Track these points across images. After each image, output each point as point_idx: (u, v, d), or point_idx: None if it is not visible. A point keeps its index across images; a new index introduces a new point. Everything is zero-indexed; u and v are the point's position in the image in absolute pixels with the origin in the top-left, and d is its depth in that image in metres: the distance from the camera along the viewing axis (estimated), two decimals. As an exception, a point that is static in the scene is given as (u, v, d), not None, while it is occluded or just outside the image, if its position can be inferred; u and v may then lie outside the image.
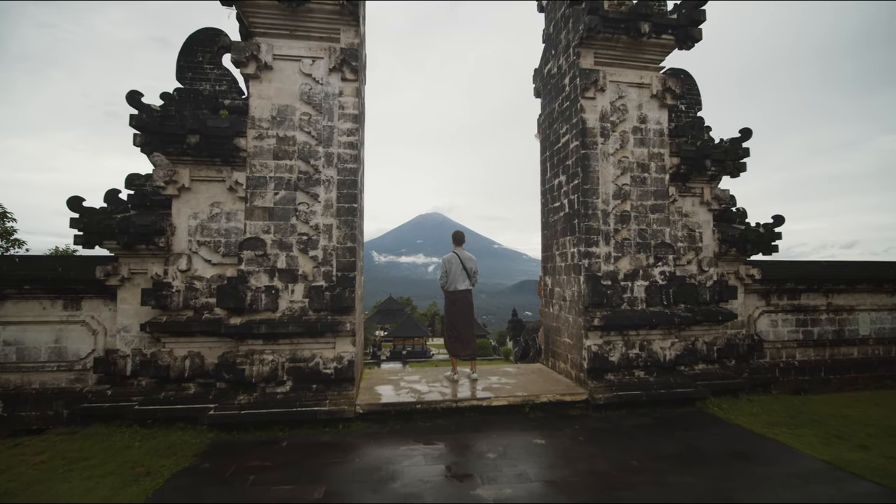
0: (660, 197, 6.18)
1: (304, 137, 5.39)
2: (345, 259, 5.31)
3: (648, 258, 6.07)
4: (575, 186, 6.12)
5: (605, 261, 5.94)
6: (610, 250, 5.96)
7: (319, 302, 5.22)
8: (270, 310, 5.16)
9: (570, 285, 6.24)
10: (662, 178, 6.20)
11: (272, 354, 5.09)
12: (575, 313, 6.07)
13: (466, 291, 6.32)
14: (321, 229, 5.32)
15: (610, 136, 6.06)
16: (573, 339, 6.14)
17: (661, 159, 6.21)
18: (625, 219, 6.02)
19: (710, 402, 5.98)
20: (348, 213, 5.36)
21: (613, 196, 6.02)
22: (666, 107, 6.28)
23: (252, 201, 5.24)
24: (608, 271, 5.92)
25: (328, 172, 5.38)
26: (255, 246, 5.18)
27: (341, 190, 5.37)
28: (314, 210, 5.33)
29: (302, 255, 5.28)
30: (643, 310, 5.96)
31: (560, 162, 6.66)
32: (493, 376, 6.49)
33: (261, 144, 5.32)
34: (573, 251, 6.17)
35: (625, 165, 6.07)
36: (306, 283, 5.25)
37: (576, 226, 6.08)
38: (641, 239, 6.07)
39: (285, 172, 5.33)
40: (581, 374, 5.89)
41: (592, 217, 5.92)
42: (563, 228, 6.52)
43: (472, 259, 6.44)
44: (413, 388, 5.78)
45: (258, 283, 5.17)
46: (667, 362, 5.92)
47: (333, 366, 5.12)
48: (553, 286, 6.94)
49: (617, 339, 5.88)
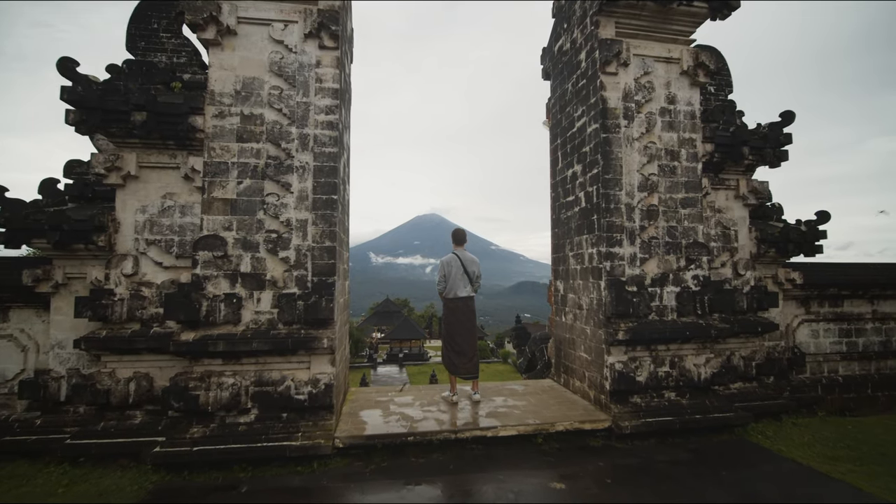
0: (691, 189, 5.33)
1: (273, 116, 4.51)
2: (322, 261, 4.43)
3: (679, 260, 5.22)
4: (594, 177, 5.27)
5: (630, 263, 5.08)
6: (635, 251, 5.10)
7: (291, 313, 4.33)
8: (231, 322, 4.28)
9: (588, 291, 5.38)
10: (694, 168, 5.35)
11: (233, 377, 4.20)
12: (594, 324, 5.21)
13: (468, 299, 5.44)
14: (294, 225, 4.44)
15: (634, 117, 5.21)
16: (591, 353, 5.28)
17: (692, 145, 5.36)
18: (652, 214, 5.17)
19: (751, 427, 5.14)
20: (327, 205, 4.48)
21: (639, 188, 5.16)
22: (697, 85, 5.43)
23: (210, 191, 4.36)
24: (633, 275, 5.07)
25: (303, 157, 4.50)
26: (214, 245, 4.30)
27: (318, 178, 4.50)
28: (286, 202, 4.45)
29: (270, 256, 4.40)
30: (674, 320, 5.11)
31: (575, 149, 5.81)
32: (497, 396, 5.62)
33: (221, 124, 4.44)
34: (591, 252, 5.31)
35: (651, 152, 5.21)
36: (275, 291, 4.37)
37: (594, 222, 5.22)
38: (671, 238, 5.22)
39: (251, 157, 4.45)
40: (602, 397, 5.02)
41: (615, 212, 5.06)
42: (579, 226, 5.66)
43: (474, 261, 5.56)
44: (404, 414, 4.90)
45: (216, 291, 4.28)
46: (701, 382, 5.06)
47: (307, 390, 4.24)
48: (566, 292, 6.08)
49: (644, 354, 5.02)
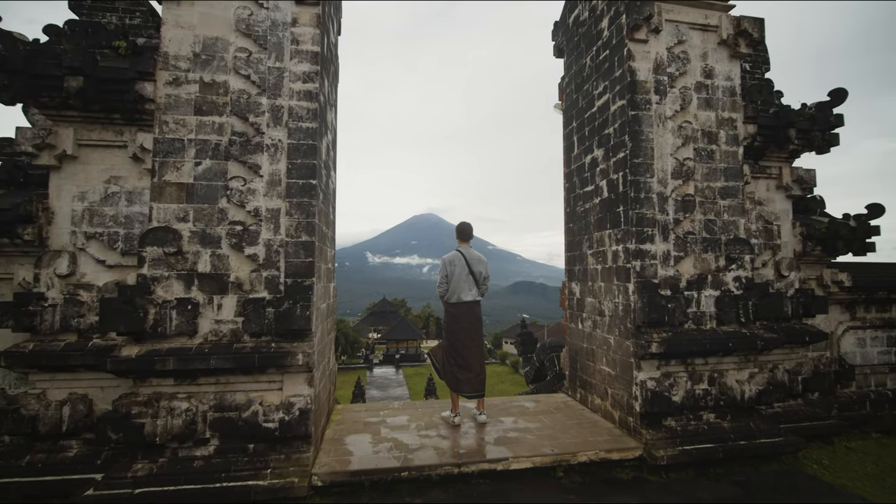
0: (732, 177, 4.59)
1: (240, 84, 3.75)
2: (298, 259, 3.67)
3: (718, 259, 4.48)
4: (619, 162, 4.52)
5: (663, 262, 4.34)
6: (669, 248, 4.36)
7: (259, 322, 3.57)
8: (185, 334, 3.50)
9: (611, 295, 4.63)
10: (735, 152, 4.62)
11: (188, 400, 3.43)
12: (619, 334, 4.47)
13: (473, 304, 4.67)
14: (263, 216, 3.67)
15: (667, 93, 4.47)
16: (616, 367, 4.53)
17: (732, 126, 4.63)
18: (687, 205, 4.43)
19: (802, 454, 4.42)
20: (304, 192, 3.71)
21: (673, 174, 4.42)
22: (738, 57, 4.70)
23: (161, 174, 3.58)
24: (667, 277, 4.32)
25: (275, 134, 3.74)
26: (165, 240, 3.52)
27: (294, 159, 3.73)
28: (254, 188, 3.68)
29: (235, 253, 3.63)
30: (713, 329, 4.37)
31: (595, 132, 5.06)
32: (506, 416, 4.86)
33: (176, 93, 3.66)
34: (616, 249, 4.57)
35: (687, 133, 4.47)
36: (240, 295, 3.60)
37: (620, 215, 4.48)
38: (709, 233, 4.48)
39: (212, 133, 3.67)
40: (629, 419, 4.28)
41: (645, 202, 4.32)
42: (600, 219, 4.92)
43: (481, 260, 4.78)
44: (398, 441, 4.14)
45: (167, 295, 3.50)
46: (745, 401, 4.32)
47: (279, 417, 3.47)
48: (583, 296, 5.33)
49: (679, 370, 4.28)
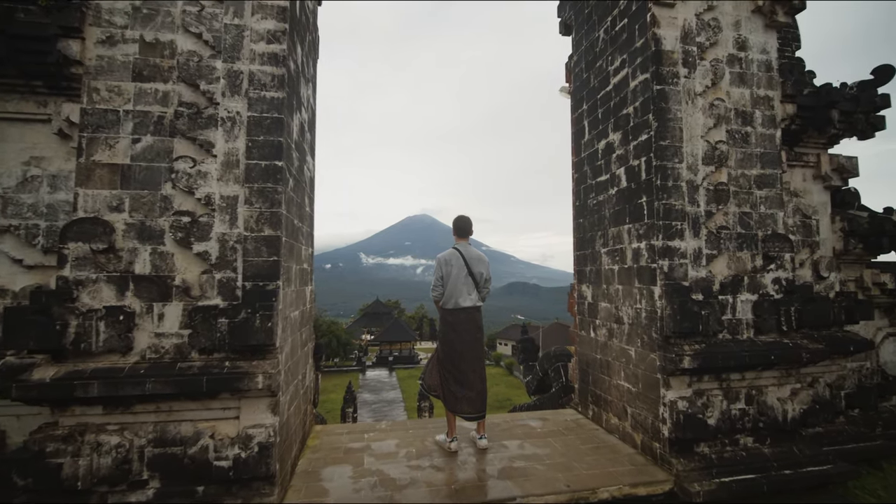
0: (769, 163, 4.00)
1: (190, 44, 3.07)
2: (259, 258, 3.00)
3: (755, 258, 3.88)
4: (641, 146, 3.90)
5: (694, 262, 3.72)
6: (700, 245, 3.75)
7: (210, 335, 2.89)
8: (117, 351, 2.82)
9: (631, 300, 4.02)
10: (772, 135, 4.02)
11: (120, 434, 2.75)
12: (641, 344, 3.85)
13: (473, 310, 4.02)
14: (217, 205, 3.00)
15: (696, 66, 3.86)
16: (637, 384, 3.91)
17: (769, 106, 4.03)
18: (720, 196, 3.82)
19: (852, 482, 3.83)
20: (267, 176, 3.04)
21: (704, 159, 3.81)
22: (775, 27, 4.12)
23: (91, 154, 2.90)
24: (698, 279, 3.71)
25: (232, 105, 3.07)
26: (93, 234, 2.84)
27: (255, 136, 3.06)
28: (205, 171, 3.01)
29: (181, 250, 2.96)
30: (751, 339, 3.77)
31: (611, 112, 4.44)
32: (510, 440, 4.22)
33: (111, 54, 2.98)
34: (637, 247, 3.95)
35: (719, 112, 3.87)
36: (187, 302, 2.92)
37: (643, 207, 3.86)
38: (744, 228, 3.88)
39: (154, 104, 3.00)
40: (655, 445, 3.66)
41: (673, 192, 3.70)
42: (617, 213, 4.30)
43: (482, 260, 4.13)
44: (384, 475, 3.48)
45: (94, 303, 2.82)
46: (788, 422, 3.73)
47: (234, 453, 2.80)
48: (596, 300, 4.71)
49: (712, 387, 3.67)
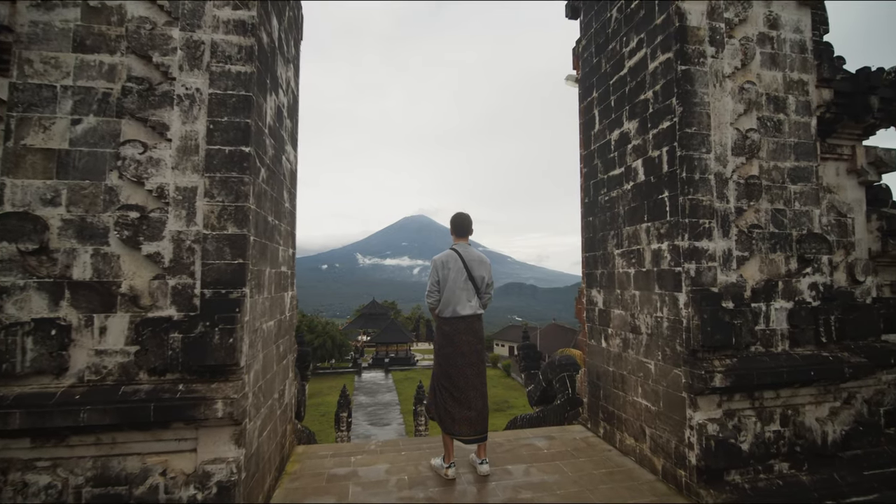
0: (804, 155, 3.58)
1: (142, 8, 2.61)
2: (222, 261, 2.54)
3: (789, 260, 3.46)
4: (662, 134, 3.47)
5: (724, 265, 3.29)
6: (730, 246, 3.31)
7: (161, 353, 2.43)
8: (48, 372, 2.36)
9: (651, 307, 3.58)
10: (807, 124, 3.60)
11: (52, 472, 2.29)
12: (664, 358, 3.41)
13: (473, 319, 3.55)
14: (172, 198, 2.54)
15: (725, 44, 3.43)
16: (659, 402, 3.47)
17: (803, 91, 3.61)
18: (752, 191, 3.39)
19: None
20: (231, 164, 2.59)
21: (733, 150, 3.38)
22: (808, 5, 3.69)
23: (20, 137, 2.44)
24: (729, 284, 3.28)
25: (191, 81, 2.61)
26: (21, 232, 2.38)
27: (218, 117, 2.60)
28: (158, 158, 2.55)
29: (128, 251, 2.50)
30: (786, 352, 3.34)
31: (626, 99, 4.01)
32: (514, 464, 3.77)
33: (47, 20, 2.53)
34: (658, 248, 3.51)
35: (749, 97, 3.44)
36: (135, 313, 2.46)
37: (664, 203, 3.43)
38: (777, 227, 3.45)
39: (99, 79, 2.54)
40: (681, 473, 3.22)
41: (700, 186, 3.27)
42: (633, 209, 3.86)
43: (483, 262, 3.65)
44: (371, 509, 3.03)
45: (21, 314, 2.36)
46: (829, 445, 3.30)
47: (188, 494, 2.34)
48: (609, 306, 4.27)
49: (744, 406, 3.24)
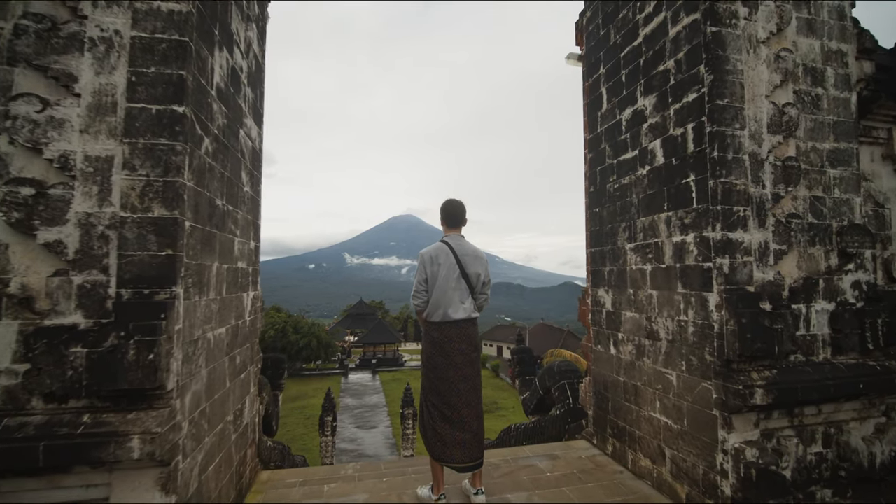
0: (843, 135, 3.13)
1: (43, -74, 2.03)
2: (146, 252, 1.96)
3: (829, 255, 3.01)
4: (686, 109, 2.98)
5: (760, 260, 2.81)
6: (767, 238, 2.84)
7: (59, 374, 1.85)
8: None
9: (672, 309, 3.09)
10: (846, 100, 3.15)
11: None
12: (689, 369, 2.93)
13: (467, 324, 2.99)
14: (79, 170, 1.96)
15: (759, 5, 2.96)
16: (682, 420, 2.99)
17: (842, 62, 3.16)
18: (790, 174, 2.93)
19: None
20: (160, 127, 2.01)
21: (769, 127, 2.91)
22: (847, -35, 3.25)
23: None
24: (766, 283, 2.80)
25: (108, 20, 2.02)
26: None
27: (144, 66, 2.02)
28: (62, 117, 1.96)
29: (19, 238, 1.91)
30: (829, 361, 2.88)
31: (641, 72, 3.52)
32: (514, 491, 3.25)
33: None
34: (681, 240, 3.03)
35: (786, 67, 2.98)
36: (26, 321, 1.87)
37: (690, 188, 2.94)
38: (815, 216, 3.00)
39: (-18, 14, 1.95)
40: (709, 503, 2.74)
41: (734, 167, 2.79)
42: (650, 197, 3.38)
43: (479, 257, 3.08)
44: (343, 557, 2.48)
45: None
46: (877, 469, 2.86)
47: (95, 560, 1.77)
48: (619, 308, 3.78)
49: (783, 425, 2.77)
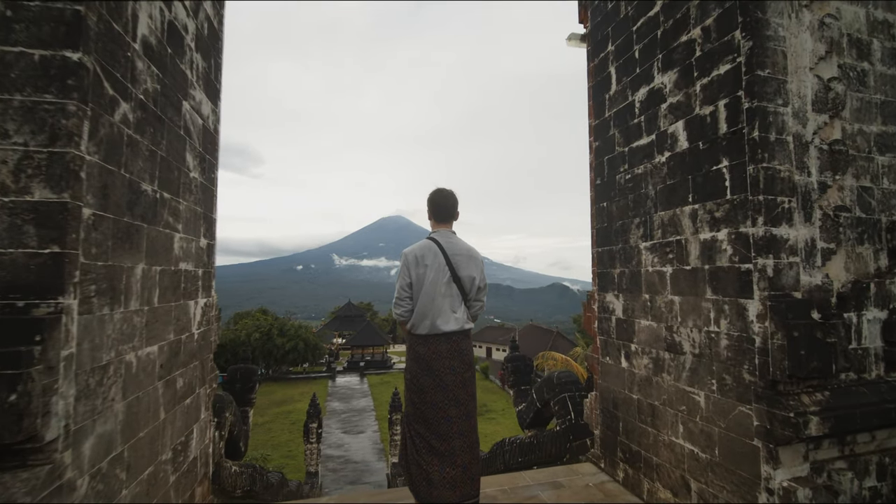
0: (892, 117, 2.71)
1: None
2: (19, 250, 1.44)
3: (878, 255, 2.59)
4: (718, 82, 2.54)
5: (806, 260, 2.38)
6: (814, 235, 2.41)
7: None
8: None
9: (702, 318, 2.65)
10: (894, 77, 2.75)
11: None
12: (721, 389, 2.48)
13: (459, 337, 2.50)
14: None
15: (799, -38, 2.53)
16: (713, 449, 2.53)
17: (888, 34, 2.75)
18: (837, 160, 2.50)
19: None
20: (43, 78, 1.48)
21: (814, 104, 2.48)
22: (892, -77, 2.84)
23: None
24: (813, 287, 2.37)
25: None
26: None
27: None
28: None
29: None
30: (882, 379, 2.46)
31: (659, 44, 3.07)
32: (514, 531, 2.77)
33: None
34: (711, 237, 2.58)
35: (831, 36, 2.55)
36: None
37: (723, 175, 2.50)
38: (863, 210, 2.58)
39: None
40: (750, 552, 2.29)
41: (778, 150, 2.35)
42: (670, 188, 2.93)
43: (473, 257, 2.62)
44: None
45: None
46: (937, 506, 2.44)
47: None
48: (631, 315, 3.32)
49: (835, 456, 2.34)
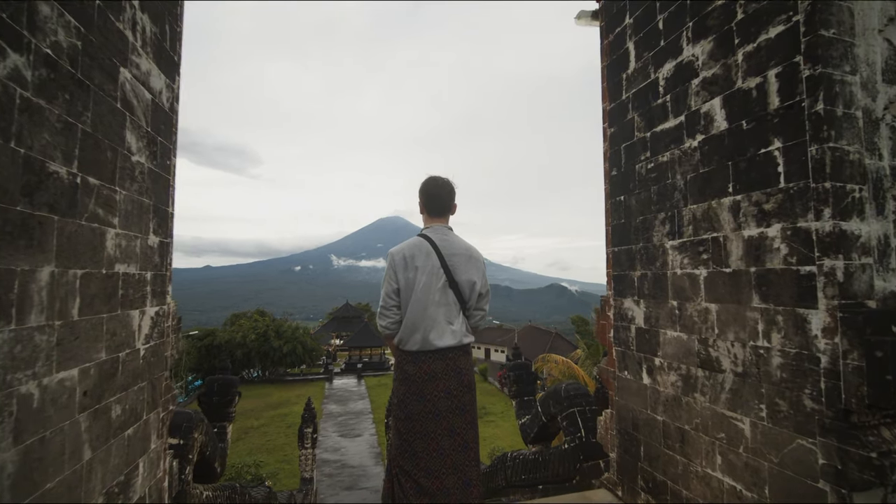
0: (967, 92, 2.30)
1: None
2: None
3: (957, 255, 2.16)
4: (768, 48, 2.12)
5: (880, 261, 1.96)
6: (887, 230, 1.99)
7: None
8: None
9: (745, 330, 2.22)
10: (969, 45, 2.33)
11: None
12: (773, 417, 2.06)
13: (457, 353, 2.06)
14: None
15: None
16: (761, 488, 2.11)
17: (962, -4, 2.34)
18: (910, 141, 2.08)
19: None
20: None
21: (884, 74, 2.06)
22: None
23: None
24: (888, 293, 1.95)
25: None
26: None
27: None
28: None
29: None
30: (969, 405, 2.04)
31: (689, 11, 2.64)
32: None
33: None
34: (758, 234, 2.16)
35: (901, -7, 2.14)
36: None
37: (775, 159, 2.08)
38: (938, 201, 2.15)
39: None
40: None
41: (846, 127, 1.92)
42: (705, 177, 2.51)
43: (473, 257, 2.20)
44: None
45: None
46: None
47: None
48: (654, 324, 2.90)
49: (915, 500, 1.92)
